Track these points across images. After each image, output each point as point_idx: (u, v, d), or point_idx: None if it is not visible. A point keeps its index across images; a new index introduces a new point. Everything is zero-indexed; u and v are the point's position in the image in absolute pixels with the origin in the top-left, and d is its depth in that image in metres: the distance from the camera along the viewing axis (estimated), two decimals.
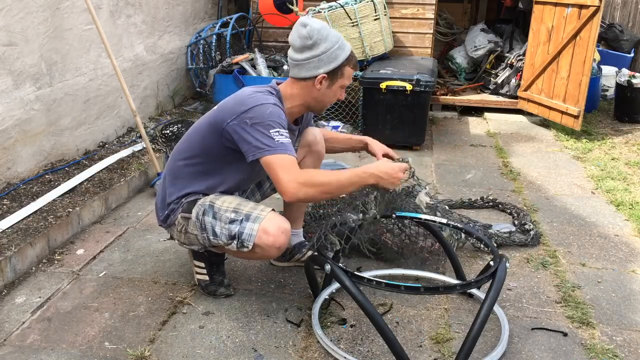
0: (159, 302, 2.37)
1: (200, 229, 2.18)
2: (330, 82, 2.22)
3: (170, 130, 4.05)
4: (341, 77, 2.24)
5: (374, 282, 1.93)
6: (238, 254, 2.24)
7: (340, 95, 2.31)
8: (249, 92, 2.17)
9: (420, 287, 1.94)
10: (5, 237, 2.61)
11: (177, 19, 5.01)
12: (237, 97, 2.18)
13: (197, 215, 2.19)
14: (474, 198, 3.42)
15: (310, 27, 2.18)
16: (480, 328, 1.88)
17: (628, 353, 2.10)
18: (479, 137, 4.88)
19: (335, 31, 2.25)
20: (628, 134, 4.95)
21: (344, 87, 2.28)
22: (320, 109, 2.34)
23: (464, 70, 6.18)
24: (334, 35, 2.21)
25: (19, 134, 3.15)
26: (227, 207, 2.15)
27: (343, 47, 2.22)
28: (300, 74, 2.21)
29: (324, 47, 2.17)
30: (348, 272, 1.98)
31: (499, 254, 2.12)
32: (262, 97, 2.13)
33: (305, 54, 2.19)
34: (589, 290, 2.51)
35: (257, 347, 2.09)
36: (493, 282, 1.97)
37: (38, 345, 2.09)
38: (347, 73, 2.25)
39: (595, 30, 4.48)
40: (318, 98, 2.25)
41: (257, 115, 2.06)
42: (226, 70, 4.43)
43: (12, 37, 3.05)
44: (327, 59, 2.18)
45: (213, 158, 2.21)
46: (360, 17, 4.70)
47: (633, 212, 3.31)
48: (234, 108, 2.12)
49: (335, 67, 2.19)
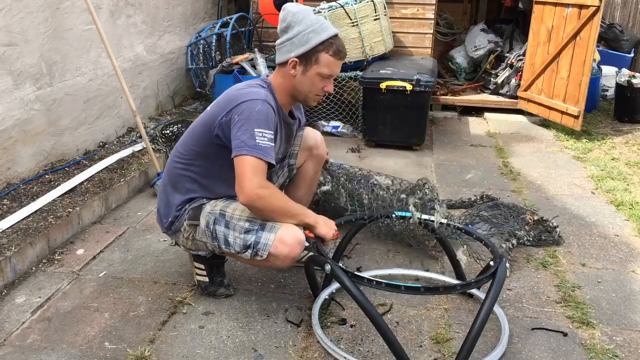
0: (159, 302, 2.37)
1: (212, 237, 2.16)
2: (304, 68, 2.13)
3: (170, 130, 4.05)
4: (316, 64, 2.12)
5: (374, 282, 1.93)
6: (249, 262, 2.20)
7: (325, 87, 2.18)
8: (240, 87, 2.16)
9: (421, 287, 1.94)
10: (5, 237, 2.61)
11: (177, 19, 5.01)
12: (228, 93, 2.16)
13: (208, 224, 2.16)
14: (474, 198, 3.42)
15: (287, 10, 2.14)
16: (480, 328, 1.88)
17: (628, 353, 2.10)
18: (479, 137, 4.88)
19: (317, 17, 2.14)
20: (628, 134, 4.95)
21: (323, 76, 2.14)
22: (303, 100, 2.24)
23: (464, 70, 6.18)
24: (310, 19, 2.11)
25: (19, 134, 3.15)
26: (240, 216, 2.13)
27: (319, 31, 2.10)
28: (278, 59, 2.18)
29: (297, 30, 2.11)
30: (348, 272, 1.98)
31: (499, 254, 2.12)
32: (252, 92, 2.10)
33: (280, 38, 2.16)
34: (589, 290, 2.51)
35: (257, 347, 2.09)
36: (493, 282, 1.97)
37: (38, 345, 2.09)
38: (324, 60, 2.11)
39: (595, 30, 4.48)
40: (296, 86, 2.17)
41: (244, 110, 2.03)
42: (226, 70, 4.43)
43: (12, 37, 3.05)
44: (298, 42, 2.11)
45: (209, 159, 2.19)
46: (360, 17, 4.70)
47: (633, 212, 3.31)
48: (225, 105, 2.11)
49: (306, 51, 2.10)
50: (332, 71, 2.15)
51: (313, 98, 2.23)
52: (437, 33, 6.14)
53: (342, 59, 2.17)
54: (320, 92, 2.21)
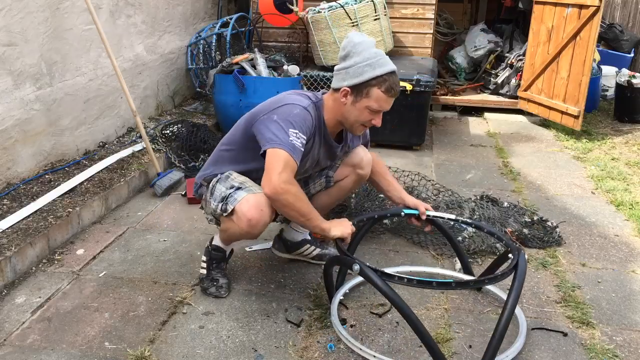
0: (159, 302, 2.37)
1: (210, 193, 2.31)
2: (354, 99, 2.18)
3: (170, 130, 4.05)
4: (367, 97, 2.16)
5: (405, 280, 1.92)
6: (222, 226, 2.32)
7: (374, 120, 2.22)
8: (288, 92, 2.29)
9: (452, 283, 1.95)
10: (5, 237, 2.61)
11: (177, 19, 5.01)
12: (277, 96, 2.29)
13: (213, 182, 2.32)
14: (474, 198, 3.42)
15: (349, 39, 2.20)
16: (507, 322, 1.89)
17: (628, 353, 2.10)
18: (479, 137, 4.88)
19: (377, 50, 2.18)
20: (628, 134, 4.95)
21: (372, 110, 2.18)
22: (349, 128, 2.29)
23: (464, 70, 6.18)
24: (369, 53, 2.15)
25: (19, 134, 3.15)
26: (236, 179, 2.26)
27: (375, 66, 2.14)
28: (333, 84, 2.26)
29: (354, 60, 2.16)
30: (377, 271, 1.98)
31: (516, 247, 2.13)
32: (296, 99, 2.21)
33: (339, 65, 2.23)
34: (589, 290, 2.51)
35: (257, 347, 2.09)
36: (516, 274, 1.99)
37: (38, 345, 2.09)
38: (375, 95, 2.15)
39: (595, 30, 4.48)
40: (344, 114, 2.24)
41: (283, 112, 2.15)
42: (226, 70, 4.43)
43: (12, 37, 3.05)
44: (353, 72, 2.16)
45: (245, 148, 2.30)
46: (360, 17, 4.70)
47: (633, 212, 3.31)
48: (269, 105, 2.23)
49: (358, 83, 2.15)
50: (381, 107, 2.19)
51: (359, 128, 2.29)
52: (437, 33, 6.14)
53: (394, 97, 2.20)
54: (367, 124, 2.26)
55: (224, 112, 4.48)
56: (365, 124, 2.26)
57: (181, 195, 3.50)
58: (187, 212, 3.27)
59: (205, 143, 3.93)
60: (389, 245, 2.90)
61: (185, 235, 2.98)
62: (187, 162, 3.84)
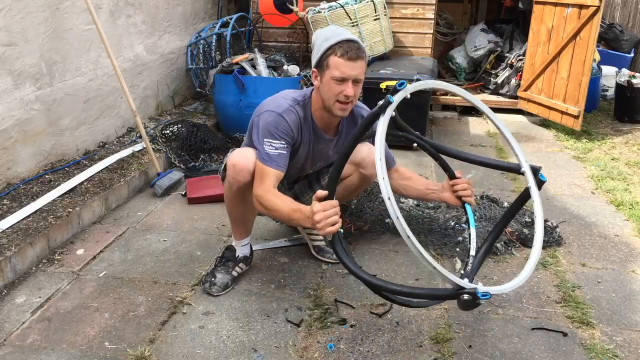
0: (159, 302, 2.37)
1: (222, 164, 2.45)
2: (321, 76, 2.22)
3: (170, 130, 4.05)
4: (328, 69, 2.16)
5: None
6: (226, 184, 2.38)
7: (345, 91, 2.16)
8: (275, 96, 2.34)
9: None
10: (5, 237, 2.61)
11: (177, 19, 5.01)
12: (263, 102, 2.35)
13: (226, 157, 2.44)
14: (474, 197, 3.42)
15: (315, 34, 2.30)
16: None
17: (628, 353, 2.10)
18: (479, 137, 4.88)
19: (335, 28, 2.26)
20: (628, 134, 4.95)
21: (336, 78, 2.14)
22: (329, 109, 2.25)
23: (464, 70, 6.18)
24: (327, 32, 2.23)
25: (19, 134, 3.15)
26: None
27: (330, 39, 2.16)
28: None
29: (315, 45, 2.24)
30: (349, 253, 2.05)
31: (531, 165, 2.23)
32: (273, 105, 2.27)
33: None
34: (589, 290, 2.51)
35: (257, 347, 2.09)
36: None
37: (38, 345, 2.09)
38: (333, 62, 2.13)
39: (595, 30, 4.48)
40: (322, 97, 2.26)
41: (261, 120, 2.25)
42: (226, 70, 4.43)
43: (12, 37, 3.05)
44: (315, 54, 2.23)
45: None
46: (360, 17, 4.70)
47: (633, 212, 3.31)
48: (255, 111, 2.33)
49: (319, 59, 2.20)
50: (342, 72, 2.14)
51: (336, 106, 2.22)
52: (437, 33, 6.14)
53: (353, 59, 2.14)
54: (340, 98, 2.20)
55: (224, 112, 4.48)
56: (340, 99, 2.19)
57: (181, 195, 3.50)
58: (187, 212, 3.27)
59: (205, 143, 3.93)
60: (389, 245, 2.90)
61: (185, 235, 2.98)
62: (187, 162, 3.84)
